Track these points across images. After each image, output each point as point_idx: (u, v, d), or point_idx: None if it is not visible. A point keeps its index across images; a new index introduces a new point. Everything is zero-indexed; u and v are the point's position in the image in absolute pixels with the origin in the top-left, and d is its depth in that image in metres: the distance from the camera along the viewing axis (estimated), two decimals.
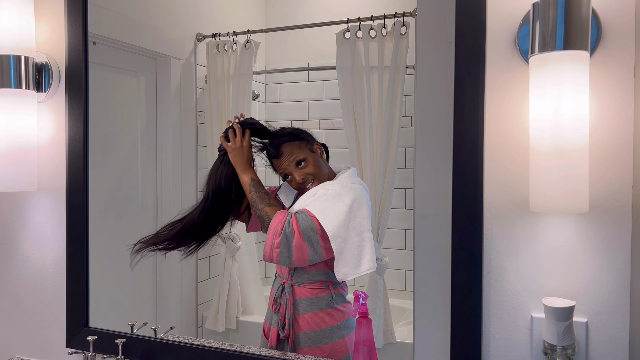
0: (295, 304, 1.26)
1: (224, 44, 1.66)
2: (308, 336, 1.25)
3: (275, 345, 1.27)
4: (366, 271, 1.20)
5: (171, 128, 1.63)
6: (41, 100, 1.41)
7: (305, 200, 1.24)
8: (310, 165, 1.26)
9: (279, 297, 1.29)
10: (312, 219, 1.17)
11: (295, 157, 1.26)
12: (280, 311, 1.27)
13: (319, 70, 1.72)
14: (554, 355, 0.94)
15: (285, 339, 1.26)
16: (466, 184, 1.01)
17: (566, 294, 0.97)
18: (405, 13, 1.42)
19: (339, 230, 1.17)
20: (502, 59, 1.01)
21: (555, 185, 0.88)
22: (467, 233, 1.02)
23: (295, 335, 1.25)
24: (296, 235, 1.16)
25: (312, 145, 1.30)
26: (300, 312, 1.26)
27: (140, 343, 1.31)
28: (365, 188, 1.28)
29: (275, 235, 1.17)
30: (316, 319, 1.25)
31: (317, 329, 1.25)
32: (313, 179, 1.27)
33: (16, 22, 1.32)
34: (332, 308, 1.26)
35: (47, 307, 1.46)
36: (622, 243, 0.94)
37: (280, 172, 1.29)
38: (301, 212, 1.19)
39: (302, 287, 1.26)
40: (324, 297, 1.26)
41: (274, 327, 1.28)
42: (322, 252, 1.18)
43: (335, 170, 1.32)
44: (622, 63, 0.93)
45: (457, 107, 1.02)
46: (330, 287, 1.26)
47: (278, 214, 1.20)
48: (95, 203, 1.39)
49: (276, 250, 1.17)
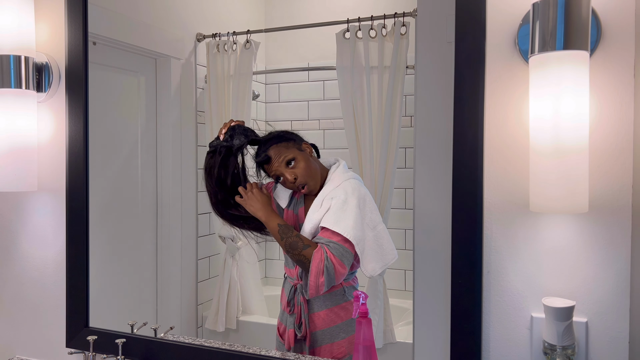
0: (310, 303, 1.28)
1: (224, 44, 1.66)
2: (325, 333, 1.27)
3: (294, 346, 1.28)
4: (391, 261, 1.25)
5: (171, 128, 1.63)
6: (41, 100, 1.41)
7: (313, 214, 1.25)
8: (300, 164, 1.26)
9: (292, 299, 1.30)
10: (343, 244, 1.20)
11: (284, 158, 1.26)
12: (295, 312, 1.28)
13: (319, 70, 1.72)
14: (553, 355, 0.94)
15: (302, 339, 1.27)
16: (466, 184, 1.01)
17: (566, 294, 0.97)
18: (405, 13, 1.41)
19: (357, 235, 1.20)
20: (502, 59, 1.01)
21: (555, 185, 0.88)
22: (467, 233, 1.02)
23: (312, 334, 1.27)
24: (337, 268, 1.20)
25: (300, 145, 1.30)
26: (315, 311, 1.27)
27: (140, 343, 1.31)
28: (358, 179, 1.30)
29: (319, 275, 1.20)
30: (332, 315, 1.27)
31: (332, 325, 1.27)
32: (305, 179, 1.27)
33: (16, 22, 1.32)
34: (347, 302, 1.28)
35: (47, 307, 1.46)
36: (622, 243, 0.94)
37: (272, 175, 1.29)
38: (330, 242, 1.21)
39: None
40: (336, 292, 1.28)
41: (290, 329, 1.29)
42: (353, 261, 1.23)
43: (326, 165, 1.33)
44: (622, 63, 0.93)
45: (457, 107, 1.02)
46: (341, 281, 1.28)
47: (315, 255, 1.21)
48: (95, 203, 1.39)
49: (322, 287, 1.21)
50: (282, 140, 1.29)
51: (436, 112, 1.17)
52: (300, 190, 1.29)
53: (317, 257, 1.21)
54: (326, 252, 1.20)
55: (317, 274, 1.20)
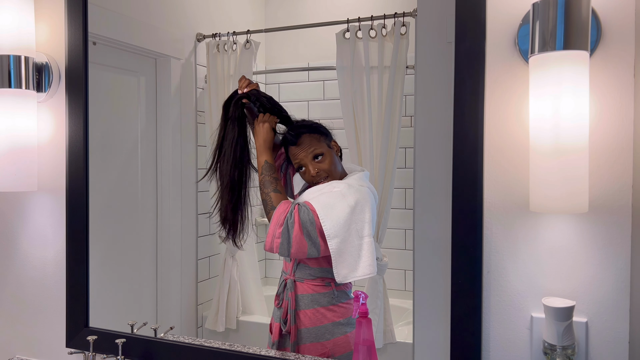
0: (297, 299, 1.27)
1: (224, 44, 1.66)
2: (310, 332, 1.26)
3: (278, 340, 1.28)
4: (363, 276, 1.20)
5: (171, 128, 1.63)
6: (41, 100, 1.41)
7: (310, 194, 1.25)
8: (326, 161, 1.27)
9: (282, 293, 1.30)
10: (313, 214, 1.18)
11: (314, 150, 1.26)
12: (283, 306, 1.28)
13: (319, 70, 1.72)
14: (553, 355, 0.94)
15: (287, 334, 1.27)
16: (466, 184, 1.01)
17: (566, 294, 0.97)
18: (405, 13, 1.41)
19: (337, 231, 1.18)
20: (502, 59, 1.01)
21: (555, 185, 0.88)
22: (467, 233, 1.02)
23: (298, 331, 1.27)
24: (297, 230, 1.17)
25: (330, 142, 1.31)
26: (301, 308, 1.27)
27: (140, 343, 1.31)
28: (373, 192, 1.28)
29: (278, 225, 1.18)
30: (318, 315, 1.26)
31: (318, 324, 1.26)
32: (327, 176, 1.27)
33: (16, 22, 1.32)
34: (334, 305, 1.27)
35: (47, 307, 1.46)
36: (622, 243, 0.94)
37: (296, 162, 1.29)
38: (304, 205, 1.20)
39: (304, 283, 1.27)
40: (325, 294, 1.27)
41: (277, 322, 1.29)
42: (320, 248, 1.19)
43: (348, 171, 1.33)
44: (622, 63, 0.93)
45: (457, 107, 1.02)
46: (332, 284, 1.27)
47: (282, 204, 1.20)
48: (95, 203, 1.39)
49: (277, 240, 1.18)
50: (316, 132, 1.29)
51: (436, 112, 1.17)
52: (317, 183, 1.28)
53: (283, 206, 1.20)
54: (294, 208, 1.19)
55: (277, 224, 1.19)
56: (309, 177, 1.28)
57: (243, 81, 1.30)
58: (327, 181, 1.27)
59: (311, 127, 1.30)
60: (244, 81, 1.30)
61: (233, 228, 1.28)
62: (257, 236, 1.67)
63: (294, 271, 1.28)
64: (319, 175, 1.26)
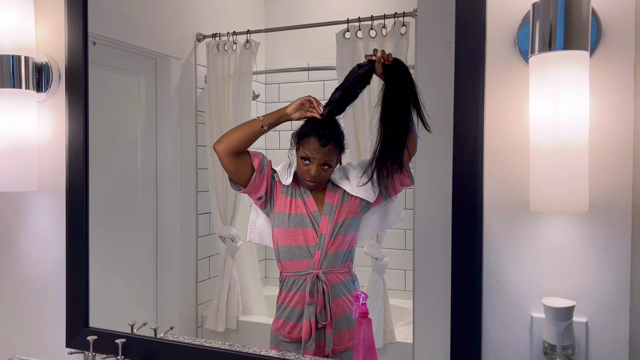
0: (331, 290, 1.30)
1: (224, 44, 1.66)
2: (341, 320, 1.30)
3: (315, 335, 1.28)
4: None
5: (171, 128, 1.63)
6: (41, 100, 1.41)
7: (350, 180, 1.32)
8: (328, 172, 1.31)
9: (312, 288, 1.30)
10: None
11: (329, 160, 1.28)
12: (315, 300, 1.29)
13: (319, 70, 1.72)
14: (554, 355, 0.94)
15: (322, 327, 1.29)
16: (466, 183, 1.01)
17: (566, 294, 0.97)
18: (405, 13, 1.41)
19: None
20: (502, 59, 1.01)
21: (555, 185, 0.88)
22: (467, 233, 1.02)
23: (334, 321, 1.30)
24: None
25: (340, 157, 1.33)
26: (334, 298, 1.30)
27: (140, 343, 1.31)
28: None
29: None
30: (346, 302, 1.31)
31: (348, 312, 1.31)
32: (319, 183, 1.30)
33: (16, 22, 1.32)
34: (355, 290, 1.32)
35: (47, 307, 1.46)
36: (622, 243, 0.94)
37: (307, 154, 1.28)
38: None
39: (332, 274, 1.30)
40: (348, 280, 1.32)
41: (308, 320, 1.28)
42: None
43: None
44: (622, 63, 0.93)
45: (457, 107, 1.02)
46: (351, 269, 1.32)
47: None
48: (95, 203, 1.39)
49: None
50: (339, 146, 1.31)
51: (436, 112, 1.17)
52: (307, 183, 1.31)
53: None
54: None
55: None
56: (306, 174, 1.29)
57: (383, 54, 1.20)
58: (319, 184, 1.31)
59: (340, 139, 1.31)
60: (384, 54, 1.20)
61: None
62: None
63: (321, 263, 1.29)
64: (315, 179, 1.28)
